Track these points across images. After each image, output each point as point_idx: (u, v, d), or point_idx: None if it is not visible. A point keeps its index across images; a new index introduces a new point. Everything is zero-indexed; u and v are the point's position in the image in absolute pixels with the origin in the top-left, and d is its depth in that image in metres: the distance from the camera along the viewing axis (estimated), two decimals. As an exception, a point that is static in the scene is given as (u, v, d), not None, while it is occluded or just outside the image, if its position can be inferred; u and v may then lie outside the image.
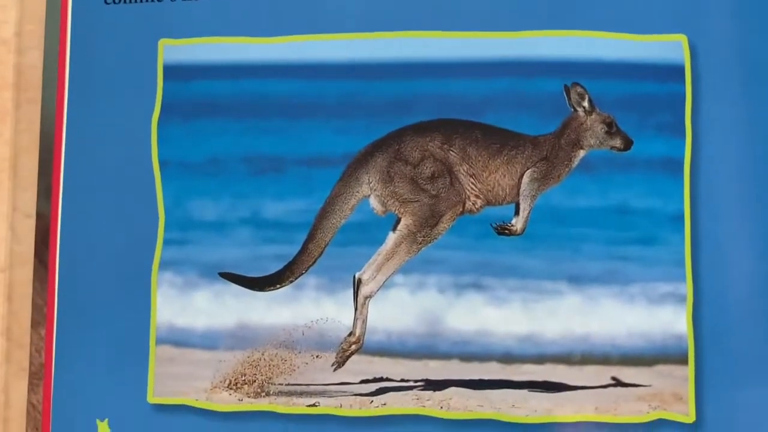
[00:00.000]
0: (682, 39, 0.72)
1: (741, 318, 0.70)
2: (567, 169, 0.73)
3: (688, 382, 0.70)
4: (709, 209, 0.71)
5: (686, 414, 0.69)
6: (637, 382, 0.70)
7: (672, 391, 0.70)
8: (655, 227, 0.71)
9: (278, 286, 0.74)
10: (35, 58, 0.80)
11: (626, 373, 0.70)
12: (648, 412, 0.70)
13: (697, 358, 0.70)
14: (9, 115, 0.81)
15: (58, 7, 0.80)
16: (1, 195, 0.80)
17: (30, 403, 0.77)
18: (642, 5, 0.72)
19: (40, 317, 0.77)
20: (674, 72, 0.71)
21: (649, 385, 0.70)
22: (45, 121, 0.79)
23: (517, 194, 0.73)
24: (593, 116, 0.73)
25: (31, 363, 0.77)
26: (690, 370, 0.70)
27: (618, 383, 0.71)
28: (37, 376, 0.77)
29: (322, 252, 0.74)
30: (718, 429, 0.69)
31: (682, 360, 0.70)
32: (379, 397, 0.72)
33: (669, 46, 0.72)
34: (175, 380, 0.74)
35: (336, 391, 0.73)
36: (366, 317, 0.73)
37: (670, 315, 0.70)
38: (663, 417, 0.70)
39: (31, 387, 0.77)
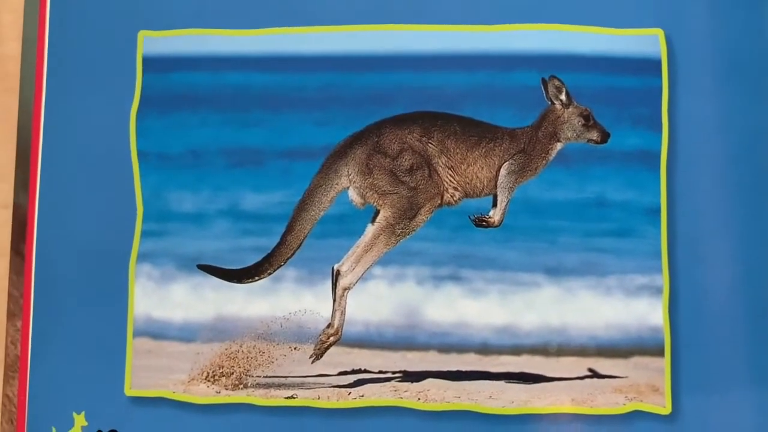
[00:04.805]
0: (658, 33, 0.76)
1: (716, 310, 0.74)
2: (544, 162, 0.77)
3: (664, 373, 0.73)
4: (685, 202, 0.75)
5: (662, 405, 0.73)
6: (613, 374, 0.74)
7: (648, 383, 0.73)
8: (631, 220, 0.75)
9: (257, 278, 0.77)
10: (13, 49, 0.83)
11: (603, 365, 0.74)
12: (624, 404, 0.73)
13: (673, 349, 0.73)
14: (-14, 106, 0.83)
15: (36, -2, 0.83)
16: (-22, 186, 0.83)
17: (5, 395, 0.79)
18: (619, 0, 0.76)
19: (16, 309, 0.80)
20: (651, 66, 0.75)
21: (626, 377, 0.74)
22: (22, 112, 0.82)
23: (495, 186, 0.77)
24: (570, 109, 0.76)
25: (6, 355, 0.80)
26: (666, 361, 0.73)
27: (594, 375, 0.74)
28: (12, 368, 0.80)
29: (300, 244, 0.77)
30: (694, 420, 0.73)
31: (659, 352, 0.73)
32: (357, 388, 0.75)
33: (646, 40, 0.76)
34: (152, 372, 0.77)
35: (314, 383, 0.76)
36: (344, 309, 0.76)
37: (646, 307, 0.74)
38: (639, 408, 0.73)
39: (7, 379, 0.80)
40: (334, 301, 0.76)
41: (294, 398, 0.76)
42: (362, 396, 0.75)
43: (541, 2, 0.77)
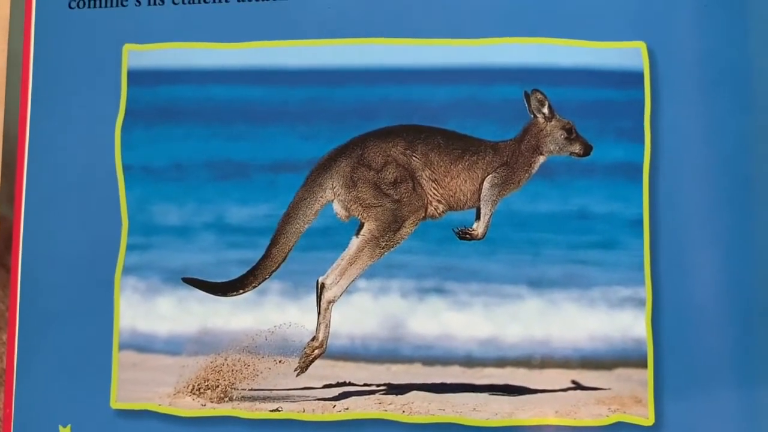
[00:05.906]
0: (641, 46, 0.76)
1: (699, 322, 0.74)
2: (527, 175, 0.77)
3: (647, 385, 0.74)
4: (667, 214, 0.75)
5: (645, 417, 0.74)
6: (596, 386, 0.75)
7: (631, 395, 0.74)
8: (614, 232, 0.76)
9: (241, 291, 0.78)
10: (-2, 63, 0.84)
11: (586, 377, 0.75)
12: (607, 416, 0.74)
13: (656, 361, 0.74)
14: (-29, 119, 0.84)
15: (22, 10, 0.83)
16: (-37, 200, 0.83)
17: (-9, 409, 0.80)
18: (601, 13, 0.77)
19: (1, 322, 0.81)
20: (633, 78, 0.76)
21: (609, 389, 0.75)
22: (8, 125, 0.83)
23: (478, 199, 0.77)
24: (553, 122, 0.77)
25: (-8, 369, 0.81)
26: (649, 373, 0.74)
27: (578, 387, 0.75)
28: (-2, 382, 0.80)
29: (285, 257, 0.78)
30: (677, 431, 0.74)
31: (642, 363, 0.74)
32: (341, 401, 0.76)
33: (628, 53, 0.76)
34: (138, 385, 0.78)
35: (299, 396, 0.77)
36: (329, 322, 0.77)
37: (630, 319, 0.75)
38: (622, 420, 0.74)
39: (-7, 393, 0.80)
40: (319, 314, 0.77)
41: (279, 411, 0.76)
42: (347, 409, 0.76)
43: (524, 16, 0.77)
